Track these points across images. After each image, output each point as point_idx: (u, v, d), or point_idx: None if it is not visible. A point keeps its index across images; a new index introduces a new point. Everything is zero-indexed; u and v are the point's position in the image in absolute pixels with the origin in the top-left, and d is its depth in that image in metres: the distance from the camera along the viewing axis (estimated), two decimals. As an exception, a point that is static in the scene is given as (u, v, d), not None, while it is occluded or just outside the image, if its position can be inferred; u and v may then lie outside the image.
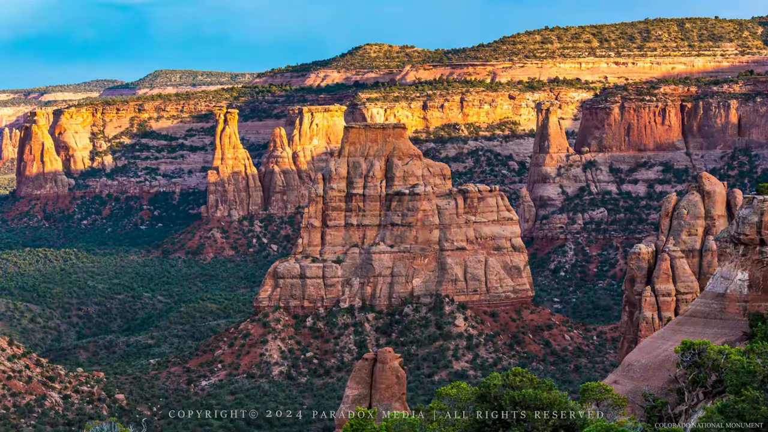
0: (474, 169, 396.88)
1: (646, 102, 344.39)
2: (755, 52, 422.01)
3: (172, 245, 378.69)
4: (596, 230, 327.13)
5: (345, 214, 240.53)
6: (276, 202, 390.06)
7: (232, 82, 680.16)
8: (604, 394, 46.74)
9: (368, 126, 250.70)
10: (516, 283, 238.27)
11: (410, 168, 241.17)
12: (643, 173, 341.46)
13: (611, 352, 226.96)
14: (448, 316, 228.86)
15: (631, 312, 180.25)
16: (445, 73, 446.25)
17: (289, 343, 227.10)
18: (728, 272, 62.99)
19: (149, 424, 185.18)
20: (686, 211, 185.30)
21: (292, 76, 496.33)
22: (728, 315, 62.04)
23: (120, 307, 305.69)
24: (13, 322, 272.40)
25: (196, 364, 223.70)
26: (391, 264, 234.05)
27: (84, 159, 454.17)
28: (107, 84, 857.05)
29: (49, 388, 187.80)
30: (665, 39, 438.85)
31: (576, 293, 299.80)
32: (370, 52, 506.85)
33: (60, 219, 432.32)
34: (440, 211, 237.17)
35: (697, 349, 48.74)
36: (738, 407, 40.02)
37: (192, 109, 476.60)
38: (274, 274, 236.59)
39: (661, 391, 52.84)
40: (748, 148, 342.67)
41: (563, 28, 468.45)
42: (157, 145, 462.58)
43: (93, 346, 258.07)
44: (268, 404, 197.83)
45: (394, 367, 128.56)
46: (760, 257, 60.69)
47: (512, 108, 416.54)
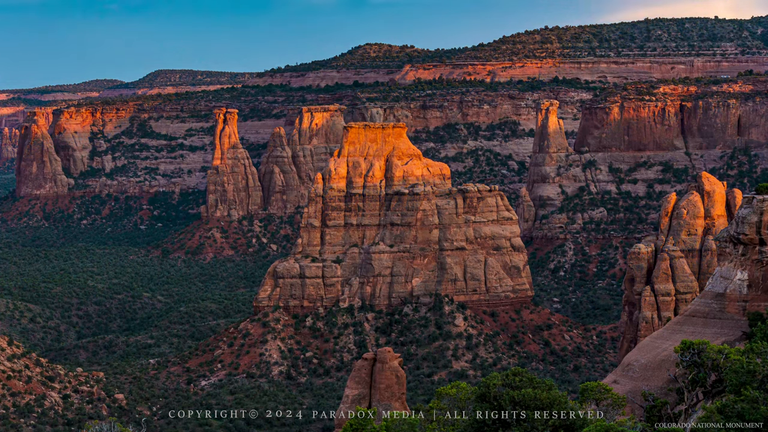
0: (474, 169, 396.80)
1: (645, 102, 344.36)
2: (755, 52, 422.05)
3: (172, 245, 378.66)
4: (596, 230, 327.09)
5: (344, 213, 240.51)
6: (275, 201, 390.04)
7: (232, 82, 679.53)
8: (603, 394, 46.77)
9: (368, 126, 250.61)
10: (515, 283, 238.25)
11: (410, 168, 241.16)
12: (643, 173, 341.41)
13: (611, 351, 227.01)
14: (448, 315, 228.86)
15: (630, 312, 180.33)
16: (445, 73, 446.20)
17: (289, 343, 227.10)
18: (728, 272, 63.03)
19: (149, 424, 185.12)
20: (686, 211, 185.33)
21: (292, 76, 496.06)
22: (728, 315, 62.08)
23: (120, 307, 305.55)
24: (13, 322, 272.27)
25: (195, 364, 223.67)
26: (391, 264, 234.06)
27: (84, 159, 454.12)
28: (107, 84, 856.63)
29: (48, 388, 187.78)
30: (665, 39, 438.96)
31: (575, 293, 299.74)
32: (370, 52, 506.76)
33: (60, 219, 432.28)
34: (440, 210, 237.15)
35: (697, 349, 48.76)
36: (737, 407, 40.02)
37: (192, 109, 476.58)
38: (273, 274, 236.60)
39: (660, 390, 52.86)
40: (748, 147, 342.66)
41: (563, 28, 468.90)
42: (157, 145, 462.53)
43: (93, 346, 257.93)
44: (268, 404, 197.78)
45: (393, 366, 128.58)
46: (760, 257, 60.72)
47: (512, 108, 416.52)
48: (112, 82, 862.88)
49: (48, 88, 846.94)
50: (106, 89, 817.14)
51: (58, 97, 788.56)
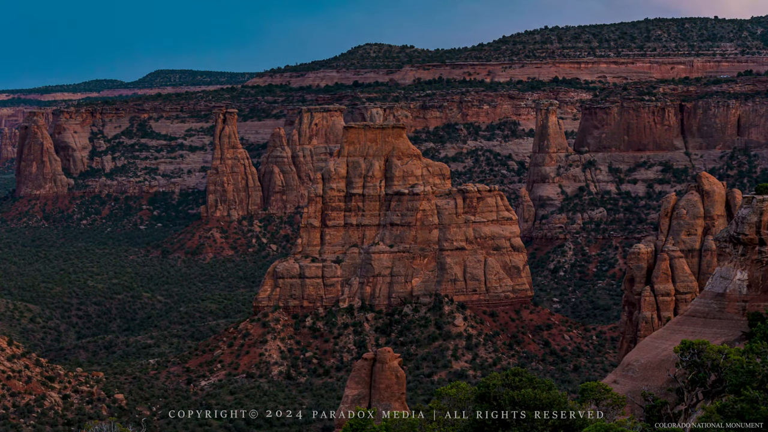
0: (473, 169, 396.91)
1: (645, 102, 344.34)
2: (755, 52, 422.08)
3: (172, 245, 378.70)
4: (595, 230, 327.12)
5: (344, 214, 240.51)
6: (275, 202, 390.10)
7: (231, 82, 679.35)
8: (603, 394, 46.78)
9: (367, 126, 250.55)
10: (515, 283, 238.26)
11: (409, 168, 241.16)
12: (643, 173, 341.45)
13: (610, 351, 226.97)
14: (448, 316, 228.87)
15: (630, 312, 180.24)
16: (444, 73, 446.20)
17: (289, 343, 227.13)
18: (727, 272, 63.05)
19: (149, 424, 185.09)
20: (685, 211, 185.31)
21: (292, 76, 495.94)
22: (727, 315, 62.10)
23: (119, 307, 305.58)
24: (12, 322, 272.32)
25: (195, 364, 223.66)
26: (391, 264, 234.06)
27: (83, 159, 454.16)
28: (107, 84, 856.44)
29: (48, 388, 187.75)
30: (665, 39, 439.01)
31: (575, 293, 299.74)
32: (370, 52, 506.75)
33: (59, 219, 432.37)
34: (439, 210, 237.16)
35: (697, 349, 48.78)
36: (737, 407, 40.04)
37: (192, 109, 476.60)
38: (273, 274, 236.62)
39: (660, 390, 52.86)
40: (748, 148, 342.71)
41: (563, 28, 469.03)
42: (157, 145, 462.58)
43: (93, 346, 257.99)
44: (268, 404, 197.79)
45: (393, 367, 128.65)
46: (760, 257, 60.74)
47: (512, 108, 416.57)
48: (112, 82, 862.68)
49: (48, 88, 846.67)
50: (106, 89, 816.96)
51: (58, 97, 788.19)
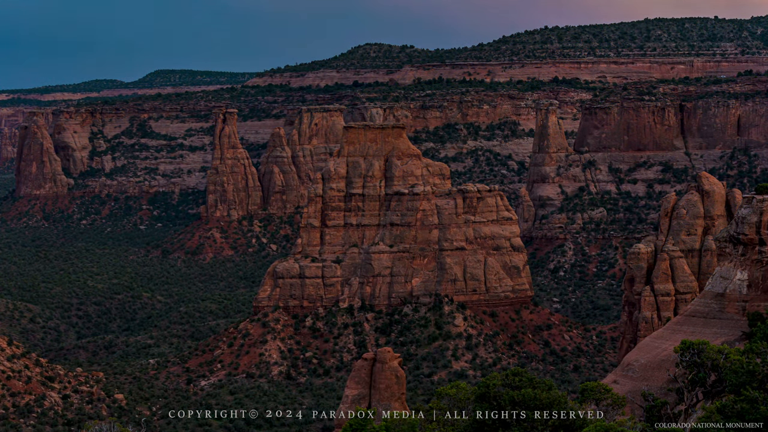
0: (473, 169, 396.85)
1: (645, 102, 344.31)
2: (755, 52, 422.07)
3: (172, 245, 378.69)
4: (595, 230, 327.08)
5: (344, 214, 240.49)
6: (275, 202, 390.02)
7: (231, 82, 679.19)
8: (603, 394, 46.78)
9: (367, 126, 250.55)
10: (515, 283, 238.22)
11: (409, 168, 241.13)
12: (643, 173, 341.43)
13: (611, 352, 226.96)
14: (448, 316, 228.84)
15: (630, 312, 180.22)
16: (444, 73, 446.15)
17: (289, 343, 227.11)
18: (727, 272, 63.03)
19: (149, 424, 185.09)
20: (685, 211, 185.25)
21: (292, 76, 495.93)
22: (727, 315, 62.07)
23: (119, 307, 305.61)
24: (12, 322, 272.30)
25: (195, 364, 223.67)
26: (391, 264, 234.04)
27: (83, 159, 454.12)
28: (107, 84, 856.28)
29: (48, 388, 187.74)
30: (665, 39, 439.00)
31: (575, 293, 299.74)
32: (370, 52, 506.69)
33: (59, 219, 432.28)
34: (439, 210, 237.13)
35: (697, 349, 48.77)
36: (737, 407, 40.03)
37: (191, 109, 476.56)
38: (273, 274, 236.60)
39: (660, 390, 52.83)
40: (748, 148, 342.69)
41: (563, 28, 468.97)
42: (157, 145, 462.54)
43: (92, 346, 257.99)
44: (268, 404, 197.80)
45: (393, 367, 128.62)
46: (760, 257, 60.72)
47: (512, 108, 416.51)
48: (112, 82, 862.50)
49: (48, 88, 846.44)
50: (105, 89, 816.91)
51: (58, 97, 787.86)
